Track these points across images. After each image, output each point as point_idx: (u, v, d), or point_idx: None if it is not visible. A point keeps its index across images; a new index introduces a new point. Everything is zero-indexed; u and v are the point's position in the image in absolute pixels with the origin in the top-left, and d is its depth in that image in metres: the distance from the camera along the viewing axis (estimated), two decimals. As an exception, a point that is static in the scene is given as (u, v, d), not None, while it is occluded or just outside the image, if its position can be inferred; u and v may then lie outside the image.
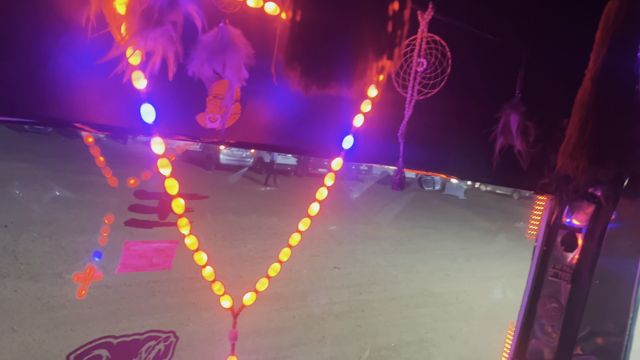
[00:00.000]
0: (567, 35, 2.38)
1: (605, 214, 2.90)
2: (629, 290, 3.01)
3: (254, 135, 1.96)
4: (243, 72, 1.56)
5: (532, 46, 2.41)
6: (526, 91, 2.44)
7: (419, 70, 2.10)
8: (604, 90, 1.46)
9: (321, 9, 0.99)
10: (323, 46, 0.87)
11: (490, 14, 2.28)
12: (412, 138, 2.21)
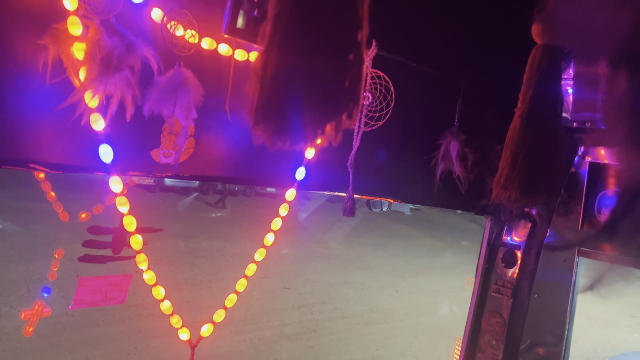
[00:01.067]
0: (500, 68, 2.60)
1: (541, 232, 3.13)
2: (565, 303, 3.25)
3: (208, 168, 2.02)
4: (192, 112, 1.64)
5: (469, 78, 2.61)
6: (464, 120, 2.64)
7: (365, 104, 2.25)
8: (532, 128, 1.64)
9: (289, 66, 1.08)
10: (289, 104, 0.97)
11: (430, 50, 2.46)
12: (361, 166, 2.35)
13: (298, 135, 0.99)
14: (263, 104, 0.95)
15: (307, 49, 0.97)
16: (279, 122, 0.95)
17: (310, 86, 0.96)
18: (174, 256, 11.07)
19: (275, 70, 0.96)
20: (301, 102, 0.97)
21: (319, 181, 2.37)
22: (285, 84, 0.95)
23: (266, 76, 0.95)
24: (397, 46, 2.31)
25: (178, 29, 1.62)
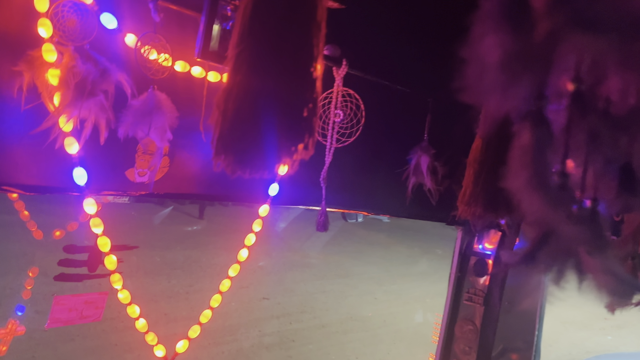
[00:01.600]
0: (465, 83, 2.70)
1: (510, 241, 3.23)
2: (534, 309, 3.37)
3: (183, 186, 2.07)
4: (167, 133, 1.69)
5: (436, 95, 2.71)
6: (433, 134, 2.73)
7: (337, 121, 2.32)
8: (492, 148, 1.73)
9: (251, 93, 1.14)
10: (248, 136, 1.03)
11: (399, 68, 2.55)
12: (335, 180, 2.42)
13: (257, 165, 1.05)
14: (224, 135, 1.01)
15: (266, 84, 1.04)
16: (239, 153, 1.02)
17: (269, 119, 1.03)
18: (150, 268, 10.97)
19: (235, 105, 1.02)
20: (260, 134, 1.04)
21: (293, 196, 2.44)
22: (245, 117, 1.02)
23: (227, 110, 1.02)
24: (367, 65, 2.40)
25: (152, 53, 1.67)
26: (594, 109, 0.61)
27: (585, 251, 0.67)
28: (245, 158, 1.02)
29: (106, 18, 1.57)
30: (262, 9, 1.14)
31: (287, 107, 1.06)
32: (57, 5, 1.48)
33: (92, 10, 1.54)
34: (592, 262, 0.66)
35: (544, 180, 0.60)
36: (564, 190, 0.63)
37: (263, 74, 1.08)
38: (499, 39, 0.53)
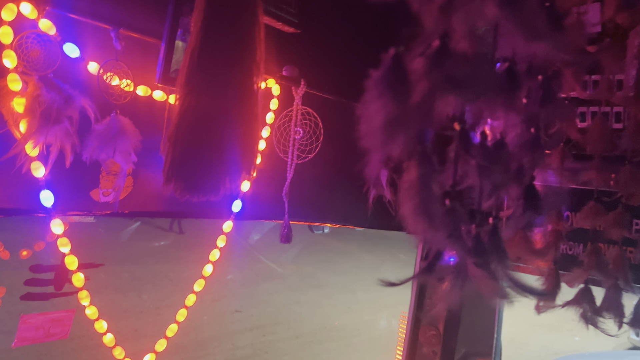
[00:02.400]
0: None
1: (430, 253, 3.40)
2: (492, 312, 3.53)
3: (147, 204, 2.16)
4: (132, 156, 1.79)
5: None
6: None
7: (297, 138, 2.45)
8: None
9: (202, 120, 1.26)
10: (196, 165, 1.14)
11: (355, 85, 2.69)
12: (297, 194, 2.55)
13: (205, 190, 1.17)
14: (173, 163, 1.12)
15: (211, 110, 1.15)
16: (187, 179, 1.13)
17: (214, 151, 1.15)
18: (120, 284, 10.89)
19: (183, 133, 1.14)
20: (207, 163, 1.15)
21: (257, 211, 2.55)
22: (192, 145, 1.13)
23: (177, 142, 1.13)
24: (324, 83, 2.53)
25: (114, 79, 1.77)
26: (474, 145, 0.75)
27: (472, 263, 0.80)
28: (193, 183, 1.13)
29: (69, 48, 1.66)
30: (208, 41, 1.26)
31: (231, 132, 1.18)
32: (21, 37, 1.57)
33: (55, 40, 1.63)
34: (477, 271, 0.80)
35: (427, 208, 0.73)
36: (451, 213, 0.77)
37: (208, 100, 1.19)
38: (382, 104, 0.66)
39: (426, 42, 0.67)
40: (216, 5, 1.15)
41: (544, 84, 0.95)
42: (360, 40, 2.58)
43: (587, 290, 1.47)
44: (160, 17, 1.86)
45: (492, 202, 0.88)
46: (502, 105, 0.78)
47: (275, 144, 2.45)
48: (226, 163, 1.18)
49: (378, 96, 0.66)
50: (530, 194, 0.95)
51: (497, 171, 0.81)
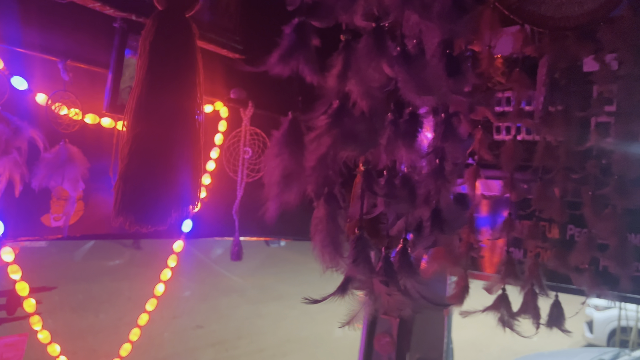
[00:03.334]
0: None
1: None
2: (442, 317, 3.72)
3: (98, 227, 2.24)
4: (80, 183, 1.88)
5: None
6: (340, 164, 3.04)
7: (246, 158, 2.57)
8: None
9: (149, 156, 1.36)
10: (144, 199, 1.25)
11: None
12: (249, 211, 2.66)
13: (152, 223, 1.28)
14: (123, 200, 1.23)
15: (157, 157, 1.27)
16: (137, 214, 1.24)
17: (161, 184, 1.26)
18: (76, 304, 10.69)
19: (131, 173, 1.25)
20: (154, 197, 1.26)
21: (209, 229, 2.65)
22: (140, 185, 1.24)
23: (125, 178, 1.24)
24: (271, 103, 2.66)
25: (62, 109, 1.86)
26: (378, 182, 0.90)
27: (377, 282, 0.94)
28: (142, 216, 1.24)
29: (17, 81, 1.74)
30: (152, 77, 1.36)
31: (177, 164, 1.29)
32: (-31, 71, 1.64)
33: (3, 74, 1.71)
34: (383, 289, 0.94)
35: (334, 239, 0.87)
36: (358, 241, 0.91)
37: (154, 133, 1.30)
38: (280, 160, 0.80)
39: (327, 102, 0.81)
40: (158, 42, 1.26)
41: (445, 121, 1.11)
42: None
43: (504, 297, 1.65)
44: (107, 46, 1.96)
45: (401, 226, 1.03)
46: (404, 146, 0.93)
47: (225, 163, 2.56)
48: (172, 195, 1.29)
49: (277, 154, 0.79)
50: (435, 217, 1.10)
51: (402, 201, 0.95)
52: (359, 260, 0.91)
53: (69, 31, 1.89)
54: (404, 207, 0.97)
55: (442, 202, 1.11)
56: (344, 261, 0.90)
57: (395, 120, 0.95)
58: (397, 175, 1.00)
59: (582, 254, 1.71)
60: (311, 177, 0.83)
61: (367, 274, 0.94)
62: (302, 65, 0.81)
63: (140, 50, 1.24)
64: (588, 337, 10.51)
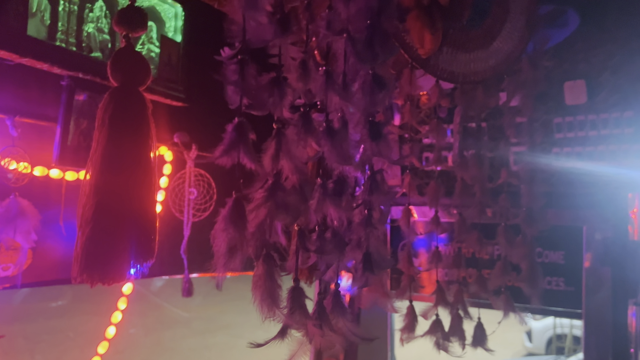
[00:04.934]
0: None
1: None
2: (385, 341, 3.94)
3: (47, 274, 2.31)
4: (32, 235, 1.97)
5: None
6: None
7: (191, 198, 2.71)
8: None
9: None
10: (100, 256, 1.38)
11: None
12: (197, 248, 2.79)
13: (113, 278, 1.41)
14: (82, 261, 1.35)
15: (116, 214, 1.40)
16: (97, 273, 1.36)
17: (120, 241, 1.39)
18: (9, 345, 10.23)
19: (96, 229, 1.38)
20: (113, 255, 1.40)
21: (158, 268, 2.76)
22: (98, 246, 1.37)
23: (83, 236, 1.36)
24: (214, 146, 2.82)
25: (11, 164, 1.95)
26: (311, 238, 1.09)
27: (311, 325, 1.13)
28: (102, 274, 1.37)
29: (-34, 140, 1.83)
30: (111, 143, 1.50)
31: (135, 220, 1.43)
32: None
33: (-48, 134, 1.79)
34: (316, 330, 1.13)
35: (272, 294, 1.05)
36: (294, 291, 1.10)
37: (112, 191, 1.43)
38: (225, 235, 0.98)
39: (264, 179, 1.00)
40: (116, 115, 1.40)
41: (371, 177, 1.32)
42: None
43: (437, 322, 1.87)
44: (55, 101, 2.08)
45: (333, 273, 1.22)
46: (332, 205, 1.13)
47: (171, 205, 2.69)
48: (131, 251, 1.42)
49: (223, 229, 0.97)
50: (366, 260, 1.31)
51: (331, 252, 1.15)
52: (295, 309, 1.09)
53: (17, 89, 1.99)
54: (333, 257, 1.16)
55: (371, 246, 1.31)
56: (280, 311, 1.07)
57: (324, 184, 1.14)
58: (328, 230, 1.19)
59: (498, 278, 1.96)
60: (251, 242, 1.01)
61: (302, 320, 1.12)
62: (242, 156, 1.00)
63: (98, 122, 1.38)
64: (528, 347, 11.04)
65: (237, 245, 0.99)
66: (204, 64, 2.84)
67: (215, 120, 2.96)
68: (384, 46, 1.33)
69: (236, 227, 0.98)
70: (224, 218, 1.00)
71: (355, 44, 1.20)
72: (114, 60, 1.36)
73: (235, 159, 1.01)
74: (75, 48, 2.05)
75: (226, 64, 1.04)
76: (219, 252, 1.00)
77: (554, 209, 3.21)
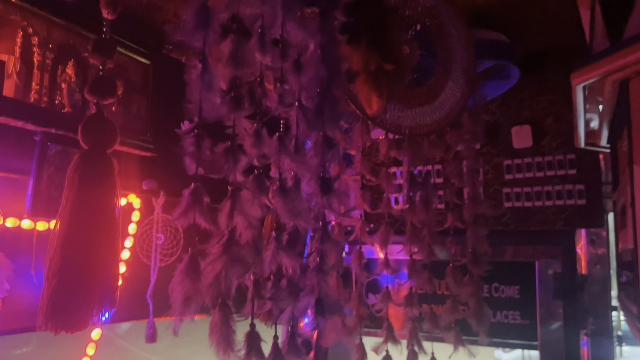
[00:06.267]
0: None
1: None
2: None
3: (16, 322, 2.38)
4: (4, 285, 2.06)
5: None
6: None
7: (159, 244, 2.82)
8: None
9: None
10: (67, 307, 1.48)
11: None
12: (164, 293, 2.88)
13: (76, 327, 1.50)
14: (48, 311, 1.45)
15: (80, 265, 1.51)
16: (62, 322, 1.45)
17: (83, 291, 1.49)
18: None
19: (57, 283, 1.48)
20: (77, 305, 1.50)
21: (125, 313, 2.84)
22: (64, 297, 1.46)
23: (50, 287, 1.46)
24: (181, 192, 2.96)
25: (-16, 216, 2.05)
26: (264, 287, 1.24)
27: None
28: (66, 323, 1.46)
29: (-59, 194, 1.93)
30: (79, 199, 1.62)
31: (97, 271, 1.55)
32: None
33: None
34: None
35: (227, 339, 1.19)
36: (249, 337, 1.24)
37: (76, 244, 1.55)
38: (182, 287, 1.13)
39: (219, 235, 1.16)
40: (85, 175, 1.53)
41: (322, 228, 1.48)
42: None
43: (387, 357, 2.02)
44: (28, 155, 2.20)
45: (287, 317, 1.37)
46: (286, 256, 1.29)
47: (139, 250, 2.80)
48: (94, 300, 1.53)
49: (179, 282, 1.12)
50: (318, 305, 1.46)
51: (285, 299, 1.30)
52: (251, 352, 1.23)
53: (-9, 145, 2.12)
54: (287, 303, 1.31)
55: (322, 292, 1.46)
56: (236, 354, 1.21)
57: (278, 237, 1.30)
58: (282, 278, 1.34)
59: (448, 315, 2.13)
60: (207, 292, 1.16)
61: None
62: (197, 217, 1.15)
63: (68, 181, 1.50)
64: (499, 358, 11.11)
65: (192, 296, 1.13)
66: (171, 113, 3.03)
67: (182, 166, 3.13)
68: (333, 111, 1.51)
69: (192, 279, 1.12)
70: (181, 272, 1.14)
71: (305, 113, 1.38)
72: (85, 126, 1.50)
73: (192, 220, 1.16)
74: (48, 105, 2.18)
75: (184, 137, 1.20)
76: (176, 302, 1.14)
77: (507, 245, 3.45)
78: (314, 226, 1.48)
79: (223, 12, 1.15)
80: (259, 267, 1.24)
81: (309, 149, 1.46)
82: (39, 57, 2.17)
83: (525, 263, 3.46)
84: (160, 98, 2.78)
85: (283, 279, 1.33)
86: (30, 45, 2.15)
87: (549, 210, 3.29)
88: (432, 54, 2.10)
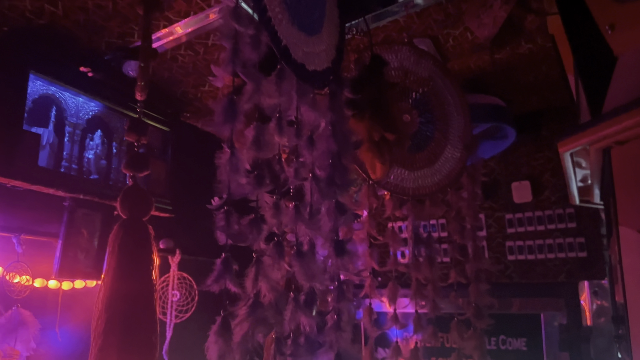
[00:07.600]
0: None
1: None
2: None
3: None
4: (31, 343, 2.19)
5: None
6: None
7: (174, 300, 2.96)
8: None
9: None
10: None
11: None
12: (179, 348, 3.00)
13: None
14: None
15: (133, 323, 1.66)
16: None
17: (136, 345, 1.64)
18: None
19: (102, 342, 1.62)
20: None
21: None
22: (106, 349, 1.61)
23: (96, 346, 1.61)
24: (196, 249, 3.12)
25: (15, 277, 2.21)
26: (285, 344, 1.39)
27: None
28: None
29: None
30: (121, 264, 1.78)
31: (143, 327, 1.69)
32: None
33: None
34: None
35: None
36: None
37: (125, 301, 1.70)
38: (216, 346, 1.29)
39: (246, 297, 1.32)
40: (125, 243, 1.69)
41: (338, 288, 1.63)
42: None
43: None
44: (57, 219, 2.38)
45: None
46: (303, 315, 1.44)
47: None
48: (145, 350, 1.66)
49: (214, 342, 1.27)
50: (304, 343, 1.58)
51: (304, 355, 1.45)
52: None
53: (23, 211, 2.30)
54: (306, 359, 1.45)
55: (341, 347, 1.59)
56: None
57: (296, 297, 1.45)
58: (301, 335, 1.48)
59: (453, 368, 2.25)
60: (237, 350, 1.30)
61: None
62: (227, 283, 1.31)
63: (109, 249, 1.67)
64: None
65: (225, 354, 1.27)
66: (188, 176, 3.23)
67: (197, 225, 3.30)
68: (344, 179, 1.68)
69: (224, 339, 1.27)
70: (214, 333, 1.29)
71: (319, 183, 1.55)
72: (123, 197, 1.68)
73: (223, 286, 1.31)
74: (77, 173, 2.38)
75: (214, 212, 1.37)
76: (211, 357, 1.27)
77: (511, 297, 3.56)
78: (329, 286, 1.62)
79: (246, 104, 1.34)
80: (280, 326, 1.39)
81: (323, 214, 1.63)
82: (70, 128, 2.38)
83: (531, 315, 3.56)
84: (178, 162, 2.98)
85: (301, 336, 1.47)
86: (63, 118, 2.37)
87: (551, 262, 3.42)
88: (431, 121, 2.30)
